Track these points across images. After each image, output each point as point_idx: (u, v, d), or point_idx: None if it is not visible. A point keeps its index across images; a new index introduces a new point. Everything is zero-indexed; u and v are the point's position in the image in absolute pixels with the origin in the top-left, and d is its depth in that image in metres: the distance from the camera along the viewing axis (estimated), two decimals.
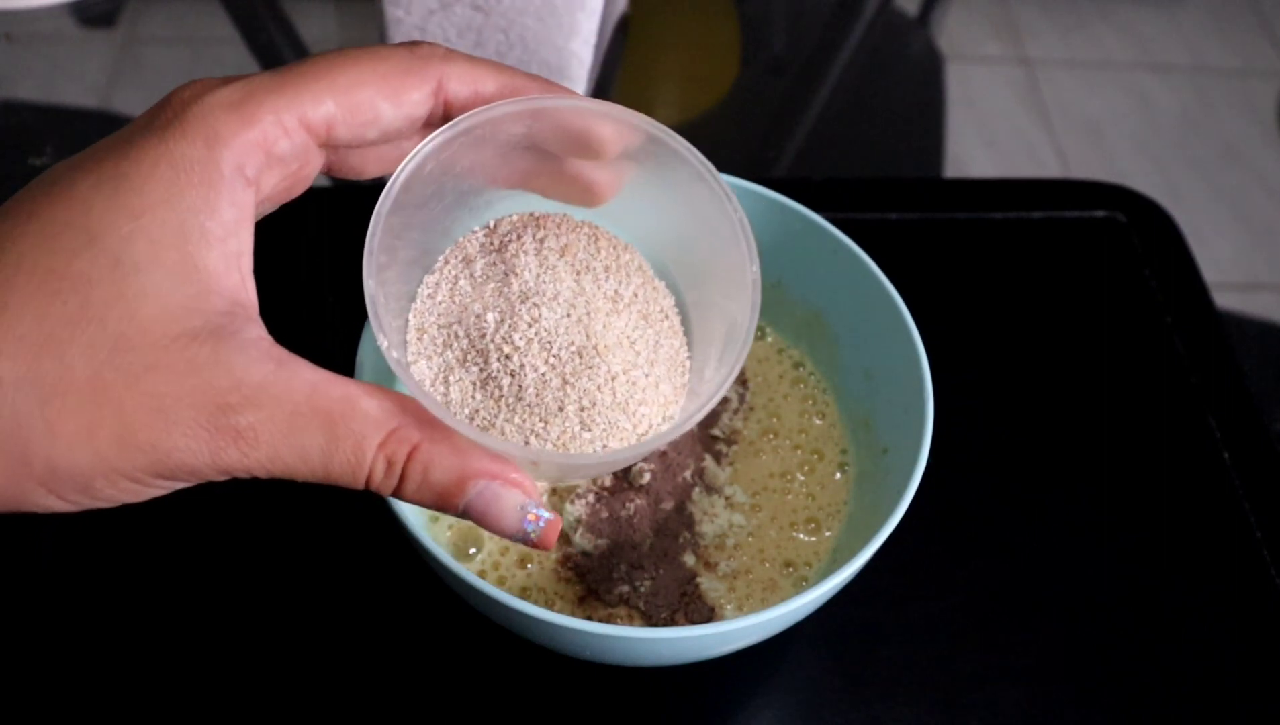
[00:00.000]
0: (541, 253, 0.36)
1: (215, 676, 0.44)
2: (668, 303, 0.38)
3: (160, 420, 0.28)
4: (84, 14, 0.83)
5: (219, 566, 0.46)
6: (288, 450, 0.29)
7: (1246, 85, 1.33)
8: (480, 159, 0.36)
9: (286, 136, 0.31)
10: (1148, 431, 0.54)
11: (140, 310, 0.28)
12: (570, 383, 0.34)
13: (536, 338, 0.35)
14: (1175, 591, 0.49)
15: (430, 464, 0.30)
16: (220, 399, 0.28)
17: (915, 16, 1.01)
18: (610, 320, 0.36)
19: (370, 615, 0.46)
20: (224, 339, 0.29)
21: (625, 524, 0.44)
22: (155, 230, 0.29)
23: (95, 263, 0.28)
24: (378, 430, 0.30)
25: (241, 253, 0.30)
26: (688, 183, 0.36)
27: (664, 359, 0.37)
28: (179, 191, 0.29)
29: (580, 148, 0.35)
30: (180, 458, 0.28)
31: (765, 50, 0.84)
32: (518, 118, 0.35)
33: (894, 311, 0.45)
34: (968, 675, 0.46)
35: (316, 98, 0.31)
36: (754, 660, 0.45)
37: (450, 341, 0.35)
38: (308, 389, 0.29)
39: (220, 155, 0.30)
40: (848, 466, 0.47)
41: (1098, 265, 0.60)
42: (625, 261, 0.37)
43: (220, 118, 0.30)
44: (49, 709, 0.43)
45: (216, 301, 0.29)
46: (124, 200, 0.29)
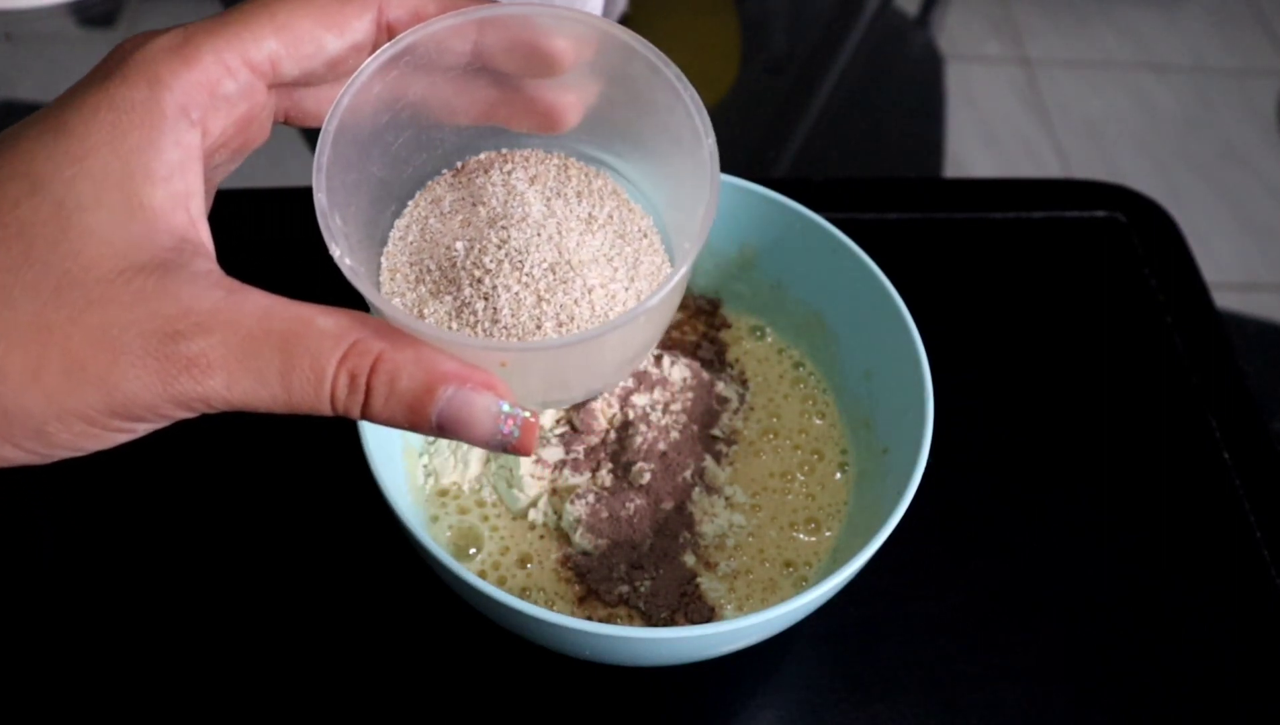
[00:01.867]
0: (509, 183, 0.36)
1: (216, 677, 0.44)
2: (645, 223, 0.37)
3: (107, 351, 0.27)
4: (84, 14, 0.83)
5: (219, 567, 0.46)
6: (243, 374, 0.28)
7: (1246, 85, 1.33)
8: (433, 86, 0.35)
9: (230, 75, 0.31)
10: (1148, 431, 0.54)
11: (84, 249, 0.28)
12: (545, 299, 0.33)
13: (506, 258, 0.34)
14: (1175, 591, 0.49)
15: (396, 373, 0.29)
16: (168, 326, 0.28)
17: (915, 16, 1.01)
18: (584, 239, 0.35)
19: (370, 615, 0.46)
20: (171, 271, 0.28)
21: (625, 524, 0.44)
22: (98, 171, 0.29)
23: (38, 209, 0.28)
24: (336, 344, 0.29)
25: (189, 193, 0.30)
26: (643, 79, 0.35)
27: (644, 274, 0.35)
28: (121, 133, 0.29)
29: (534, 63, 0.35)
30: (131, 389, 0.28)
31: (765, 50, 0.84)
32: (460, 32, 0.34)
33: (894, 311, 0.45)
34: (968, 675, 0.46)
35: (256, 35, 0.31)
36: (754, 660, 0.45)
37: (422, 276, 0.35)
38: (260, 312, 0.28)
39: (162, 96, 0.29)
40: (848, 466, 0.47)
41: (1098, 265, 0.60)
42: (598, 187, 0.37)
43: (161, 60, 0.30)
44: (49, 709, 0.43)
45: (163, 238, 0.29)
46: (66, 146, 0.29)
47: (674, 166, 0.36)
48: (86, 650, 0.44)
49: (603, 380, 0.36)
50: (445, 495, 0.45)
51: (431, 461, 0.45)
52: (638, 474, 0.45)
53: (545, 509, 0.45)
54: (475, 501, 0.45)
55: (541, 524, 0.44)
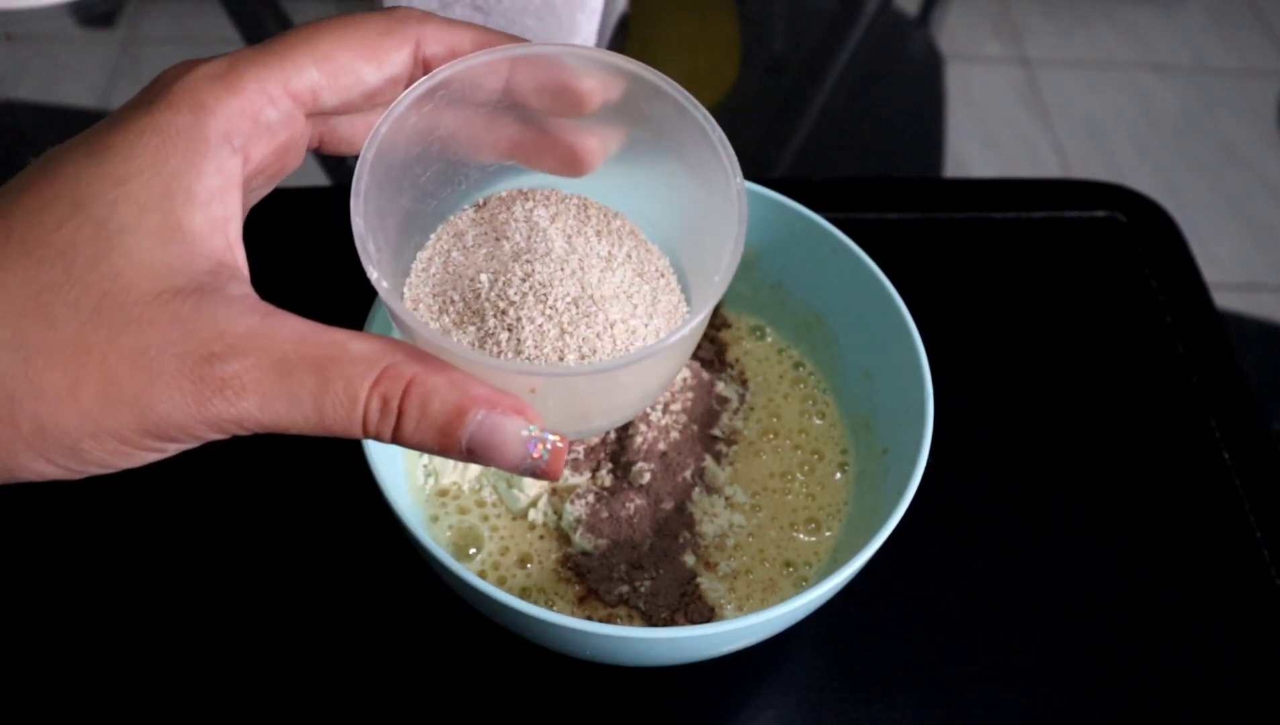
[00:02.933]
0: (531, 219, 0.36)
1: (216, 677, 0.44)
2: (663, 263, 0.37)
3: (143, 372, 0.28)
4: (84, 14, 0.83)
5: (219, 567, 0.46)
6: (278, 397, 0.28)
7: (1246, 85, 1.33)
8: (463, 120, 0.36)
9: (272, 105, 0.31)
10: (1148, 431, 0.54)
11: (124, 270, 0.28)
12: (569, 332, 0.34)
13: (531, 291, 0.34)
14: (1175, 591, 0.49)
15: (428, 397, 0.30)
16: (204, 348, 0.28)
17: (915, 16, 1.01)
18: (605, 275, 0.35)
19: (370, 615, 0.46)
20: (208, 294, 0.29)
21: (625, 524, 0.44)
22: (140, 194, 0.29)
23: (80, 229, 0.28)
24: (370, 369, 0.29)
25: (228, 218, 0.30)
26: (669, 119, 0.35)
27: (662, 312, 0.36)
28: (164, 157, 0.29)
29: (562, 101, 0.35)
30: (165, 410, 0.28)
31: (765, 50, 0.84)
32: (493, 69, 0.34)
33: (894, 311, 0.45)
34: (968, 675, 0.46)
35: (299, 66, 0.32)
36: (754, 660, 0.45)
37: (445, 307, 0.35)
38: (295, 337, 0.29)
39: (206, 123, 0.30)
40: (848, 466, 0.47)
41: (1098, 265, 0.60)
42: (616, 227, 0.37)
43: (206, 88, 0.30)
44: (49, 708, 0.43)
45: (201, 262, 0.29)
46: (110, 168, 0.29)
47: (695, 208, 0.36)
48: (86, 650, 0.44)
49: (620, 413, 0.37)
50: (445, 495, 0.45)
51: (431, 462, 0.45)
52: (638, 474, 0.45)
53: (545, 509, 0.45)
54: (475, 501, 0.45)
55: (541, 524, 0.45)
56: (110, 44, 0.89)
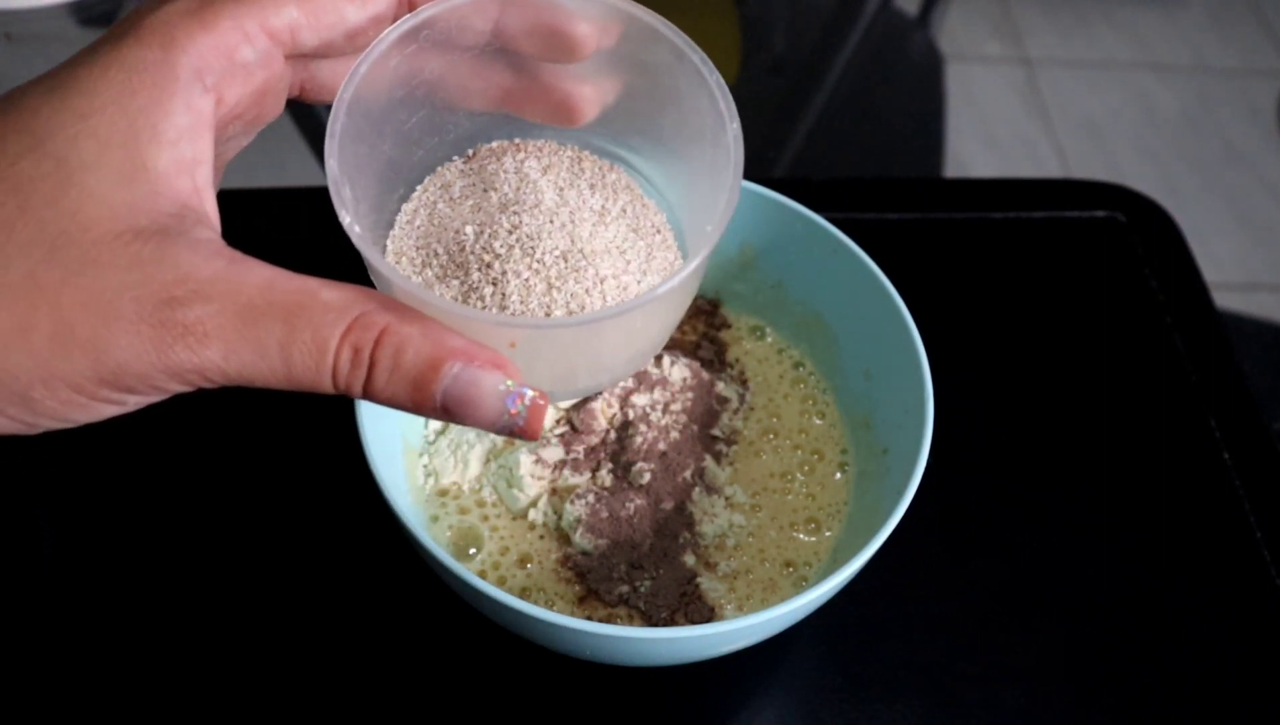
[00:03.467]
0: (521, 170, 0.35)
1: (216, 677, 0.44)
2: (659, 219, 0.36)
3: (99, 315, 0.26)
4: (84, 14, 0.83)
5: (219, 567, 0.46)
6: (243, 345, 0.27)
7: (1246, 85, 1.33)
8: (450, 65, 0.34)
9: (248, 42, 0.30)
10: (1148, 431, 0.54)
11: (82, 208, 0.27)
12: (556, 287, 0.32)
13: (518, 244, 0.33)
14: (1175, 591, 0.49)
15: (401, 347, 0.28)
16: (165, 292, 0.27)
17: (915, 16, 1.01)
18: (597, 229, 0.34)
19: (370, 615, 0.46)
20: (171, 237, 0.27)
21: (625, 524, 0.44)
22: (103, 130, 0.28)
23: (38, 164, 0.27)
24: (340, 317, 0.28)
25: (197, 161, 0.29)
26: (666, 66, 0.34)
27: (657, 269, 0.35)
28: (130, 92, 0.28)
29: (554, 46, 0.34)
30: (122, 356, 0.27)
31: (765, 50, 0.84)
32: (481, 9, 0.33)
33: (894, 311, 0.45)
34: (968, 675, 0.46)
35: (277, 2, 0.30)
36: (754, 660, 0.45)
37: (429, 260, 0.34)
38: (262, 282, 0.27)
39: (176, 58, 0.29)
40: (848, 466, 0.47)
41: (1098, 265, 0.60)
42: (611, 181, 0.36)
43: (177, 23, 0.29)
44: (49, 708, 0.43)
45: (165, 203, 0.28)
46: (73, 103, 0.28)
47: (692, 162, 0.35)
48: (86, 651, 0.44)
49: (610, 373, 0.35)
50: (445, 495, 0.45)
51: (431, 461, 0.45)
52: (638, 474, 0.45)
53: (545, 509, 0.45)
54: (475, 501, 0.45)
55: (541, 524, 0.45)
56: None
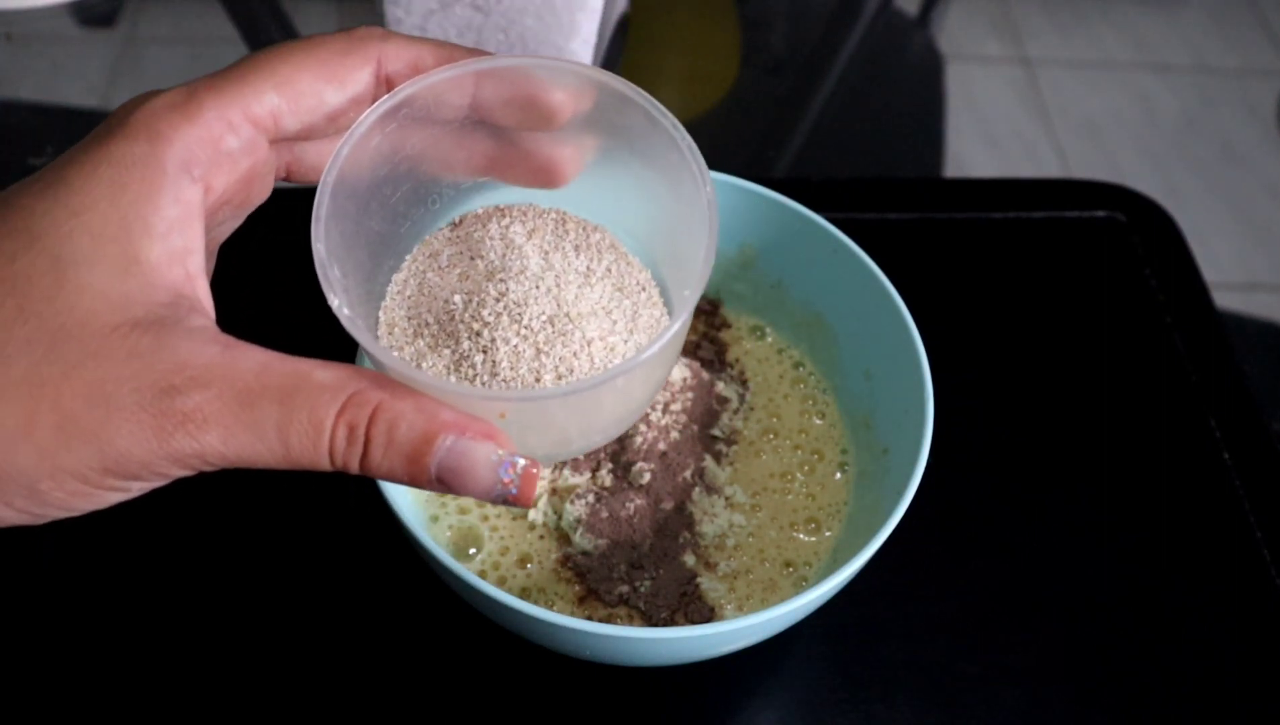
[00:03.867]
0: (507, 236, 0.36)
1: (216, 677, 0.44)
2: (644, 276, 0.37)
3: (100, 407, 0.27)
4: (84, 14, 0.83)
5: (219, 569, 0.46)
6: (241, 429, 0.28)
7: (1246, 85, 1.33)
8: (431, 138, 0.35)
9: (232, 131, 0.31)
10: (1148, 431, 0.54)
11: (79, 303, 0.28)
12: (544, 352, 0.33)
13: (505, 311, 0.33)
14: (1175, 591, 0.49)
15: (394, 423, 0.29)
16: (164, 381, 0.27)
17: (915, 16, 1.01)
18: (583, 291, 0.35)
19: (370, 615, 0.46)
20: (167, 327, 0.28)
21: (625, 524, 0.44)
22: (96, 225, 0.28)
23: (35, 262, 0.28)
24: (335, 397, 0.28)
25: (188, 250, 0.30)
26: (639, 129, 0.35)
27: (644, 327, 0.35)
28: (120, 187, 0.29)
29: (531, 115, 0.35)
30: (125, 445, 0.27)
31: (765, 50, 0.84)
32: (458, 84, 0.34)
33: (894, 311, 0.45)
34: (968, 675, 0.46)
35: (258, 90, 0.31)
36: (754, 660, 0.45)
37: (420, 330, 0.34)
38: (257, 367, 0.28)
39: (163, 152, 0.29)
40: (848, 466, 0.47)
41: (1098, 265, 0.60)
42: (595, 240, 0.36)
43: (163, 117, 0.30)
44: (49, 708, 0.43)
45: (159, 293, 0.29)
46: (65, 200, 0.29)
47: (671, 218, 0.35)
48: (85, 649, 0.44)
49: (602, 433, 0.36)
50: (445, 495, 0.45)
51: None
52: (638, 474, 0.45)
53: (545, 509, 0.45)
54: (475, 501, 0.45)
55: (541, 524, 0.45)
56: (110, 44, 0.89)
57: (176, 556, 0.47)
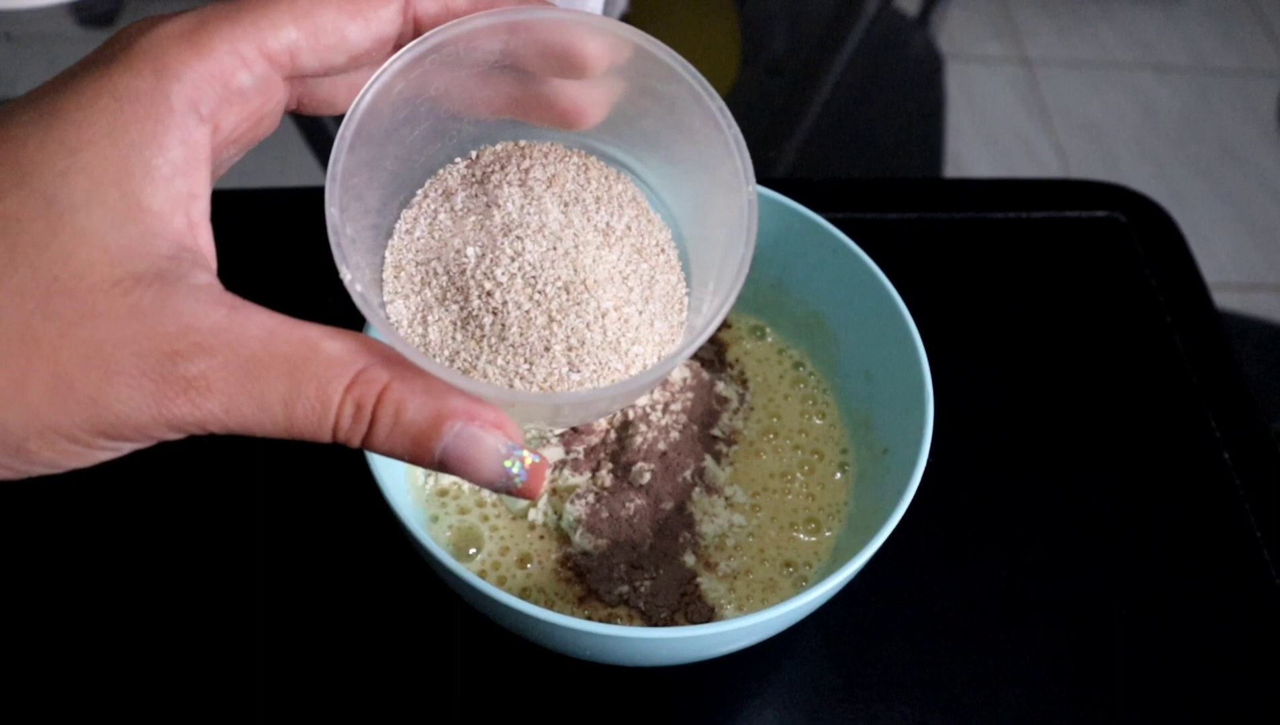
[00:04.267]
0: (526, 183, 0.34)
1: (216, 677, 0.44)
2: (664, 236, 0.35)
3: (99, 370, 0.25)
4: (84, 14, 0.83)
5: (218, 566, 0.46)
6: (245, 399, 0.26)
7: (1246, 85, 1.33)
8: (456, 80, 0.33)
9: (245, 68, 0.28)
10: (1148, 431, 0.54)
11: (76, 252, 0.26)
12: (556, 320, 0.32)
13: (520, 272, 0.32)
14: (1175, 591, 0.49)
15: (402, 404, 0.28)
16: (167, 346, 0.26)
17: (915, 16, 1.01)
18: (601, 253, 0.33)
19: (370, 615, 0.46)
20: (170, 284, 0.26)
21: (625, 524, 0.44)
22: (95, 166, 0.26)
23: (26, 203, 0.26)
24: (343, 372, 0.27)
25: (193, 196, 0.28)
26: (682, 101, 0.33)
27: (659, 295, 0.34)
28: (122, 125, 0.27)
29: (563, 66, 0.33)
30: (122, 410, 0.26)
31: (765, 50, 0.84)
32: (493, 32, 0.32)
33: (894, 311, 0.45)
34: (968, 675, 0.46)
35: (276, 23, 0.29)
36: (754, 660, 0.45)
37: (429, 279, 0.33)
38: (264, 333, 0.27)
39: (170, 88, 0.27)
40: (848, 466, 0.47)
41: (1098, 265, 0.60)
42: (618, 192, 0.35)
43: (170, 49, 0.27)
44: (49, 708, 0.43)
45: (161, 245, 0.27)
46: (61, 134, 0.27)
47: (700, 184, 0.34)
48: (85, 648, 0.44)
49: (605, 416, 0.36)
50: (445, 495, 0.45)
51: None
52: (638, 474, 0.45)
53: (545, 509, 0.45)
54: (475, 501, 0.45)
55: (541, 524, 0.45)
56: None
57: (176, 556, 0.47)
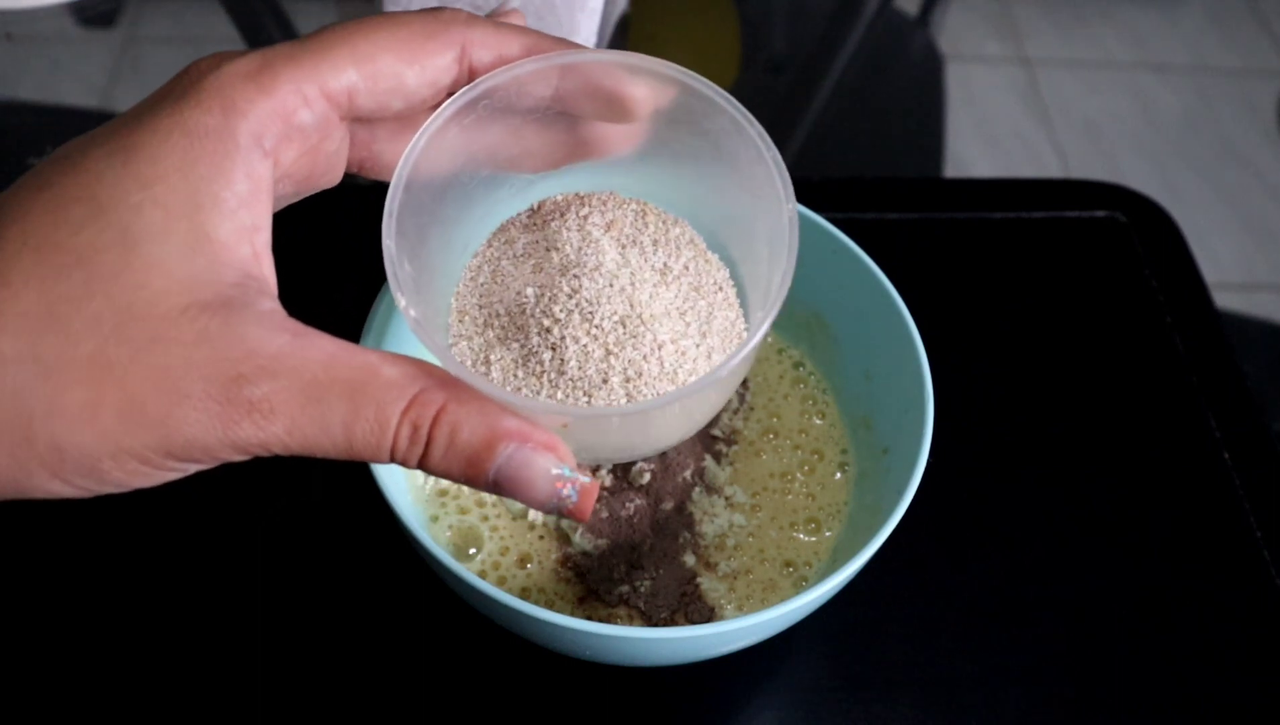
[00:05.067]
0: (584, 228, 0.35)
1: (216, 676, 0.44)
2: (722, 275, 0.36)
3: (169, 393, 0.27)
4: (84, 14, 0.83)
5: (218, 566, 0.46)
6: (307, 421, 0.28)
7: (1246, 85, 1.33)
8: (510, 127, 0.34)
9: (306, 106, 0.30)
10: (1148, 431, 0.54)
11: (148, 282, 0.27)
12: (614, 353, 0.33)
13: (577, 308, 0.33)
14: (1175, 591, 0.49)
15: (457, 426, 0.29)
16: (233, 370, 0.27)
17: (915, 16, 1.01)
18: (657, 290, 0.34)
19: (370, 615, 0.46)
20: (236, 310, 0.28)
21: (625, 524, 0.44)
22: (166, 198, 0.28)
23: (102, 234, 0.27)
24: (401, 395, 0.28)
25: (256, 227, 0.29)
26: (726, 136, 0.34)
27: (717, 330, 0.35)
28: (192, 160, 0.28)
29: (610, 109, 0.34)
30: (191, 432, 0.27)
31: (765, 50, 0.84)
32: (542, 77, 0.33)
33: (894, 311, 0.45)
34: (968, 675, 0.46)
35: (336, 65, 0.30)
36: (754, 660, 0.45)
37: (490, 320, 0.34)
38: (325, 358, 0.28)
39: (236, 124, 0.29)
40: (848, 466, 0.47)
41: (1098, 265, 0.60)
42: (675, 235, 0.36)
43: (237, 86, 0.29)
44: (49, 707, 0.43)
45: (228, 273, 0.28)
46: (135, 169, 0.28)
47: (752, 221, 0.35)
48: (86, 651, 0.44)
49: (665, 442, 0.36)
50: (445, 495, 0.45)
51: None
52: (638, 474, 0.45)
53: None
54: (475, 501, 0.45)
55: (541, 524, 0.45)
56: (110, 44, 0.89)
57: (175, 555, 0.47)
